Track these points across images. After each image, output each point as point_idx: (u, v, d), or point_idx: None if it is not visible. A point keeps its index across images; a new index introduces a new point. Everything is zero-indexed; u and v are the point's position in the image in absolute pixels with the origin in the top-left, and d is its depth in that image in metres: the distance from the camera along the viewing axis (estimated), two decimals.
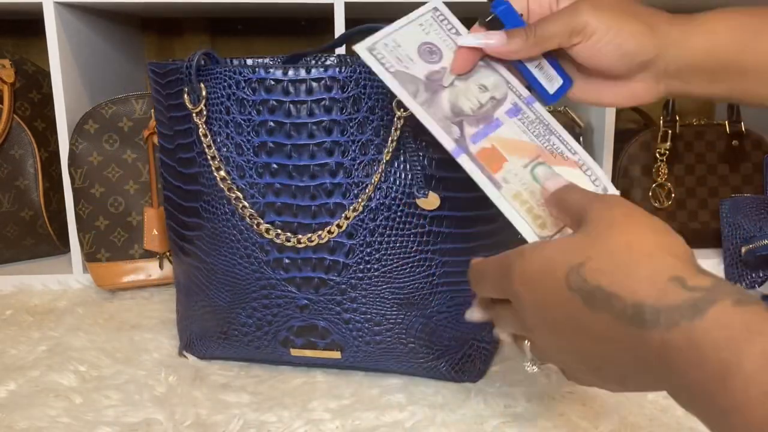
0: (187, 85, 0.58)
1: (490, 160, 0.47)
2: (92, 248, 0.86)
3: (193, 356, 0.67)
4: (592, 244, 0.37)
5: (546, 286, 0.38)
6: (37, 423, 0.56)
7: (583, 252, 0.37)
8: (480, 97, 0.49)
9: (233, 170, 0.58)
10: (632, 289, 0.34)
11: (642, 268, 0.34)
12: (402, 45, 0.49)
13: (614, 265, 0.35)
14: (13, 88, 0.92)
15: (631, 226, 0.37)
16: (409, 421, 0.56)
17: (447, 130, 0.47)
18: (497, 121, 0.49)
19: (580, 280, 0.36)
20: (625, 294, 0.34)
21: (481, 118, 0.48)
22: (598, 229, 0.37)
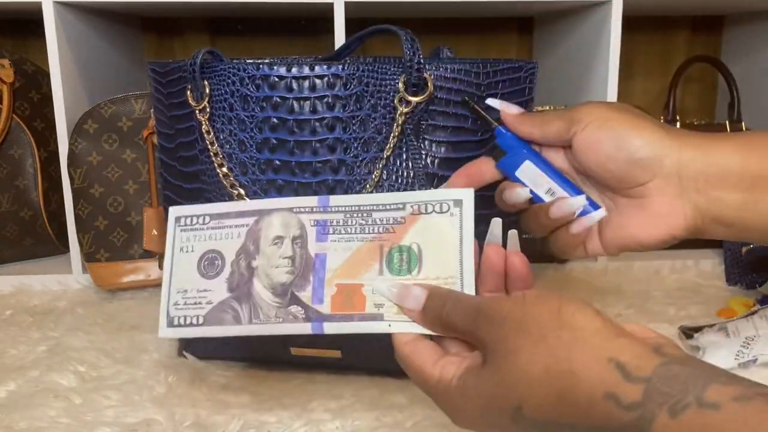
0: (191, 83, 0.58)
1: (348, 302, 0.42)
2: (92, 248, 0.86)
3: (192, 356, 0.67)
4: (514, 383, 0.35)
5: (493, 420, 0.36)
6: (37, 423, 0.56)
7: (512, 394, 0.35)
8: (283, 252, 0.44)
9: (236, 167, 0.58)
10: (580, 414, 0.32)
11: (575, 392, 0.32)
12: (187, 287, 0.45)
13: (549, 398, 0.33)
14: (13, 87, 0.92)
15: (532, 344, 0.34)
16: (409, 421, 0.56)
17: (290, 319, 0.43)
18: (319, 257, 0.43)
19: (529, 421, 0.34)
20: (578, 420, 0.33)
21: (304, 271, 0.43)
22: (505, 360, 0.35)
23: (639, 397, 0.30)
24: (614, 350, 0.32)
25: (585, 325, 0.34)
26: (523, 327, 0.35)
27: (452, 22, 1.27)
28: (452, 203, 0.42)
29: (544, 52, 1.20)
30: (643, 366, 0.31)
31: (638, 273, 0.96)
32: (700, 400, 0.29)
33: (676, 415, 0.29)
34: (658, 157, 0.43)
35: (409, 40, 0.54)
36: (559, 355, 0.33)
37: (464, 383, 0.38)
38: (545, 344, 0.34)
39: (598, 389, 0.32)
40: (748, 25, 1.20)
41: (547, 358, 0.33)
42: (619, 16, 0.91)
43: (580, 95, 1.02)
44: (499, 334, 0.36)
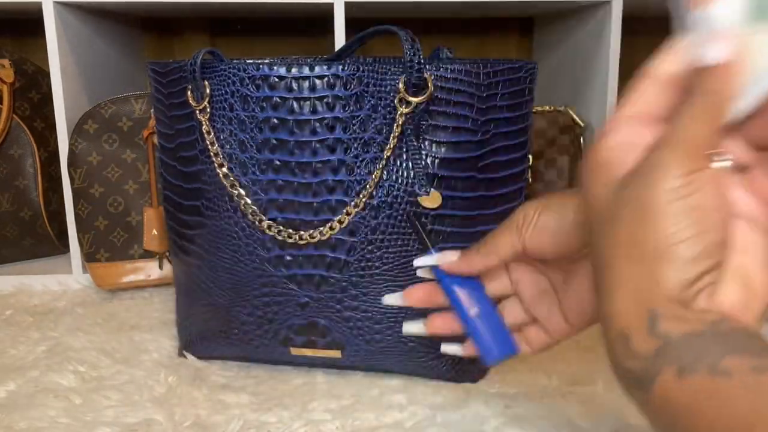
0: (191, 83, 0.58)
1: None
2: (92, 248, 0.86)
3: (192, 356, 0.67)
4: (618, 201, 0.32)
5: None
6: (37, 423, 0.56)
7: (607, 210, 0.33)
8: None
9: (236, 167, 0.58)
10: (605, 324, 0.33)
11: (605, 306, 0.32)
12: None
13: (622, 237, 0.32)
14: (13, 87, 0.92)
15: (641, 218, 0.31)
16: (409, 421, 0.56)
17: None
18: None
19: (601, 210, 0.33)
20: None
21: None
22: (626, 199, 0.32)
23: (650, 352, 0.29)
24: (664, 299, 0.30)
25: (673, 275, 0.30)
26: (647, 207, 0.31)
27: (452, 22, 1.27)
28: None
29: (544, 53, 1.20)
30: (678, 325, 0.29)
31: None
32: (713, 366, 0.28)
33: (682, 376, 0.28)
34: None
35: (409, 40, 0.54)
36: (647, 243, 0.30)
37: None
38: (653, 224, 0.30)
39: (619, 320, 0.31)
40: None
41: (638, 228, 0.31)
42: (619, 16, 0.91)
43: (580, 95, 1.02)
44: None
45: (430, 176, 0.56)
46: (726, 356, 0.28)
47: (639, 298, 0.30)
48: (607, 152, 0.33)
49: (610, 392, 0.60)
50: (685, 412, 0.28)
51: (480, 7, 1.01)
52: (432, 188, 0.56)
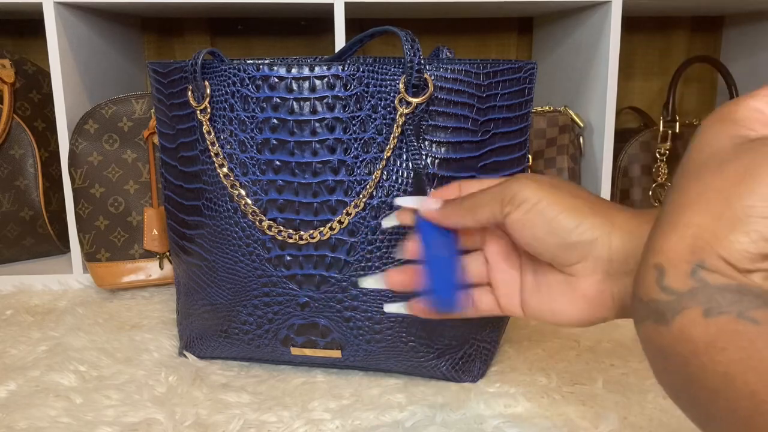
0: (192, 83, 0.58)
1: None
2: (92, 248, 0.86)
3: (193, 356, 0.67)
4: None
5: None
6: (37, 423, 0.56)
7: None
8: None
9: (236, 167, 0.58)
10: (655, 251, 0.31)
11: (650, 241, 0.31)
12: None
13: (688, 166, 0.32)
14: (13, 88, 0.92)
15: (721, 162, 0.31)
16: (409, 421, 0.56)
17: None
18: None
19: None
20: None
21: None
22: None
23: (684, 288, 0.29)
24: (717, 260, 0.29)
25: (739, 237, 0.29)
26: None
27: (452, 22, 1.27)
28: None
29: (544, 52, 1.20)
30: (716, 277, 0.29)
31: None
32: (741, 313, 0.27)
33: (710, 315, 0.28)
34: (589, 240, 0.41)
35: (409, 40, 0.54)
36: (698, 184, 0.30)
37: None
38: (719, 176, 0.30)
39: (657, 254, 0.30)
40: (747, 25, 1.20)
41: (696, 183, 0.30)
42: (618, 16, 0.91)
43: (580, 95, 1.02)
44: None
45: (430, 176, 0.56)
46: (757, 308, 0.27)
47: (696, 245, 0.29)
48: (749, 112, 0.32)
49: (610, 392, 0.60)
50: (703, 348, 0.27)
51: (480, 7, 1.01)
52: (432, 188, 0.56)
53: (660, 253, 0.30)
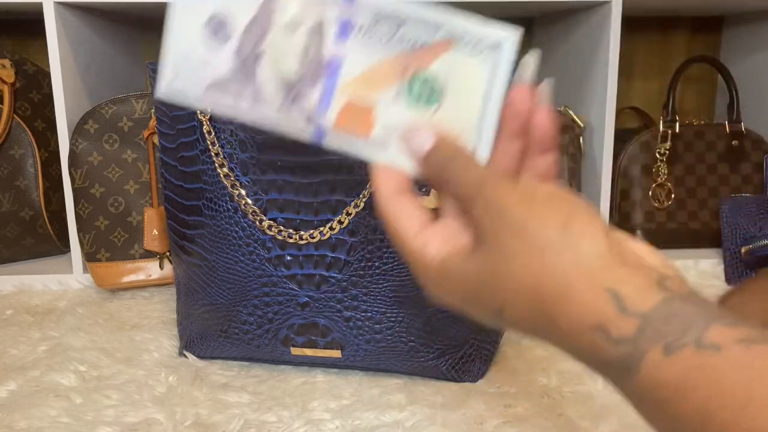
0: None
1: (354, 121, 0.36)
2: (92, 248, 0.86)
3: (193, 356, 0.67)
4: (501, 286, 0.32)
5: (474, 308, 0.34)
6: (37, 423, 0.56)
7: (497, 295, 0.32)
8: (296, 43, 0.36)
9: (236, 167, 0.58)
10: (563, 339, 0.30)
11: (562, 317, 0.30)
12: (189, 52, 0.37)
13: (535, 315, 0.31)
14: (14, 88, 0.92)
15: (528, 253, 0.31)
16: (409, 421, 0.56)
17: (291, 122, 0.37)
18: (334, 60, 0.36)
19: (508, 323, 0.33)
20: (559, 344, 0.31)
21: (314, 72, 0.36)
22: (497, 260, 0.32)
23: (632, 333, 0.28)
24: (614, 280, 0.29)
25: (590, 249, 0.30)
26: (524, 231, 0.31)
27: None
28: (488, 47, 0.35)
29: (544, 52, 1.20)
30: (642, 301, 0.28)
31: None
32: (699, 340, 0.27)
33: (670, 353, 0.27)
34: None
35: None
36: (555, 275, 0.30)
37: (447, 267, 0.34)
38: (542, 259, 0.30)
39: (588, 319, 0.29)
40: (747, 25, 1.20)
41: (540, 274, 0.30)
42: (618, 16, 0.91)
43: (580, 95, 1.02)
44: (496, 226, 0.32)
45: None
46: (709, 328, 0.27)
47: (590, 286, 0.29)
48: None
49: (610, 392, 0.60)
50: (675, 391, 0.27)
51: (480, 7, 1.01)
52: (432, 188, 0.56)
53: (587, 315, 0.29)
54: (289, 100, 0.37)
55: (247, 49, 0.37)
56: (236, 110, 0.37)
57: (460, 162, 0.35)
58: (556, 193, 0.32)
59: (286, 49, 0.36)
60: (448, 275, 0.34)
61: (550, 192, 0.32)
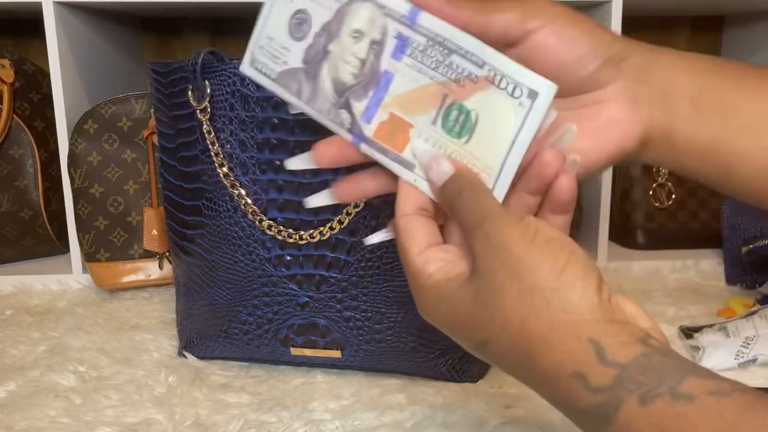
0: (192, 83, 0.58)
1: (391, 136, 0.39)
2: (92, 248, 0.86)
3: (192, 356, 0.67)
4: (488, 320, 0.33)
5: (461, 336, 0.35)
6: (37, 423, 0.56)
7: (483, 328, 0.33)
8: (357, 51, 0.39)
9: (236, 167, 0.58)
10: (542, 384, 0.31)
11: (543, 360, 0.31)
12: (274, 36, 0.42)
13: (518, 354, 0.32)
14: (13, 88, 0.92)
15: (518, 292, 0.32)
16: (409, 421, 0.56)
17: (338, 122, 0.40)
18: (386, 75, 0.39)
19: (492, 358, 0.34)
20: (538, 388, 0.32)
21: (368, 82, 0.40)
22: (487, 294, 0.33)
23: (609, 382, 0.29)
24: (598, 332, 0.30)
25: (579, 301, 0.31)
26: (517, 270, 0.32)
27: None
28: (526, 94, 0.36)
29: None
30: (622, 353, 0.30)
31: (638, 273, 0.96)
32: (674, 391, 0.28)
33: (646, 403, 0.28)
34: (618, 58, 0.39)
35: None
36: (541, 318, 0.31)
37: (441, 289, 0.35)
38: (531, 299, 0.31)
39: (568, 365, 0.30)
40: (748, 25, 1.20)
41: (527, 313, 0.31)
42: (619, 16, 0.91)
43: None
44: (492, 258, 0.33)
45: None
46: (684, 380, 0.28)
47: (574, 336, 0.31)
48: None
49: None
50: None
51: None
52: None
53: (567, 361, 0.30)
54: (341, 102, 0.40)
55: (317, 47, 0.40)
56: (297, 99, 0.41)
57: (471, 193, 0.36)
58: (557, 238, 0.33)
59: (348, 55, 0.40)
60: (440, 298, 0.35)
61: (552, 236, 0.33)
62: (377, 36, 0.39)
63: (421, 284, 0.36)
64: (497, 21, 0.38)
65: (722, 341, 0.66)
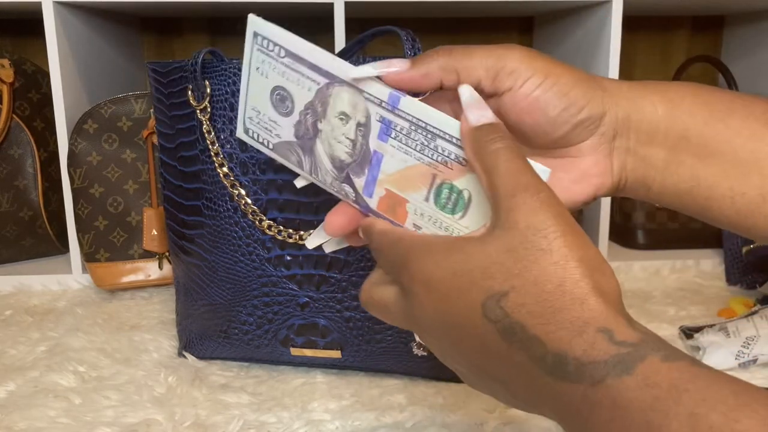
0: (192, 83, 0.58)
1: (392, 209, 0.40)
2: (91, 248, 0.86)
3: (192, 356, 0.67)
4: (519, 271, 0.31)
5: (455, 303, 0.33)
6: (37, 423, 0.56)
7: (508, 279, 0.31)
8: (347, 132, 0.39)
9: (236, 167, 0.58)
10: (557, 336, 0.30)
11: (572, 314, 0.31)
12: (260, 109, 0.42)
13: (542, 306, 0.31)
14: (13, 87, 0.92)
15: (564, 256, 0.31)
16: (409, 421, 0.56)
17: (342, 194, 0.41)
18: (376, 154, 0.39)
19: (501, 313, 0.32)
20: (549, 341, 0.31)
21: (362, 160, 0.40)
22: (526, 249, 0.32)
23: (636, 339, 0.29)
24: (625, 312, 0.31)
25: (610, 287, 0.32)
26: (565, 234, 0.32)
27: (452, 22, 1.27)
28: None
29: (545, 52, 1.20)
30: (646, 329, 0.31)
31: (638, 273, 0.96)
32: (694, 361, 0.29)
33: (668, 360, 0.28)
34: (600, 114, 0.38)
35: (410, 40, 0.54)
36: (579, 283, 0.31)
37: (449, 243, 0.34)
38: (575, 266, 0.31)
39: (595, 322, 0.30)
40: (748, 25, 1.20)
41: (565, 277, 0.31)
42: (619, 16, 0.91)
43: None
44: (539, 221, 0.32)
45: None
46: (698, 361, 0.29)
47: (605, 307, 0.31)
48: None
49: None
50: (666, 391, 0.28)
51: (480, 7, 1.01)
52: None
53: (597, 319, 0.30)
54: (342, 176, 0.41)
55: (306, 126, 0.41)
56: (301, 170, 0.42)
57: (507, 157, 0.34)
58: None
59: (338, 135, 0.40)
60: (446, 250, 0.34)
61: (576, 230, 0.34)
62: (362, 119, 0.39)
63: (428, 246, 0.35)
64: (470, 79, 0.37)
65: (723, 341, 0.66)
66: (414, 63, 0.37)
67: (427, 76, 0.37)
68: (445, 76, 0.37)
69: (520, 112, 0.38)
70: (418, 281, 0.34)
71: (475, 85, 0.37)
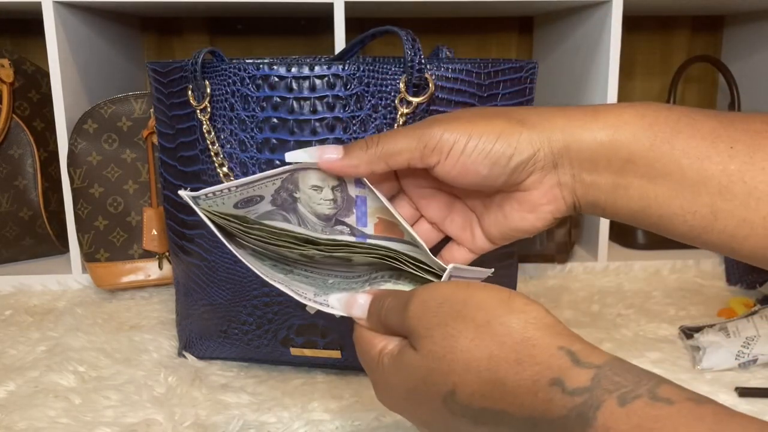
0: (192, 83, 0.58)
1: (388, 230, 0.43)
2: (91, 248, 0.86)
3: (192, 356, 0.67)
4: (449, 368, 0.33)
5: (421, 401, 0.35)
6: (36, 423, 0.56)
7: (446, 379, 0.33)
8: (324, 196, 0.43)
9: (236, 167, 0.58)
10: (519, 402, 0.31)
11: (518, 377, 0.31)
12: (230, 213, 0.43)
13: (489, 385, 0.32)
14: (12, 87, 0.92)
15: (474, 330, 0.33)
16: (409, 421, 0.56)
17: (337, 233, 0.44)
18: (359, 198, 0.42)
19: (460, 406, 0.33)
20: (514, 410, 0.31)
21: (347, 207, 0.43)
22: (442, 346, 0.33)
23: (587, 382, 0.29)
24: (565, 341, 0.31)
25: (537, 316, 0.33)
26: (465, 312, 0.34)
27: (452, 22, 1.27)
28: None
29: (544, 52, 1.20)
30: (594, 356, 0.30)
31: (638, 273, 0.96)
32: (652, 393, 0.28)
33: (625, 403, 0.28)
34: (530, 156, 0.39)
35: (410, 40, 0.54)
36: (505, 343, 0.32)
37: (400, 358, 0.36)
38: (490, 331, 0.32)
39: (544, 376, 0.30)
40: (748, 25, 1.20)
41: (490, 345, 0.32)
42: (619, 16, 0.91)
43: (580, 95, 1.02)
44: (434, 320, 0.34)
45: None
46: (659, 385, 0.28)
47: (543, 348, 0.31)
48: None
49: None
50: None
51: (480, 6, 1.01)
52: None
53: (542, 372, 0.31)
54: (329, 226, 0.44)
55: (282, 198, 0.43)
56: (290, 225, 0.44)
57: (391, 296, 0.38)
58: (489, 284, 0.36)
59: (317, 199, 0.43)
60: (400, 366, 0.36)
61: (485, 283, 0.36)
62: (334, 182, 0.42)
63: (384, 363, 0.38)
64: (398, 162, 0.40)
65: (723, 341, 0.66)
66: (346, 153, 0.40)
67: (357, 167, 0.40)
68: (374, 167, 0.40)
69: (456, 177, 0.40)
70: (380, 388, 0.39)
71: (406, 166, 0.40)
